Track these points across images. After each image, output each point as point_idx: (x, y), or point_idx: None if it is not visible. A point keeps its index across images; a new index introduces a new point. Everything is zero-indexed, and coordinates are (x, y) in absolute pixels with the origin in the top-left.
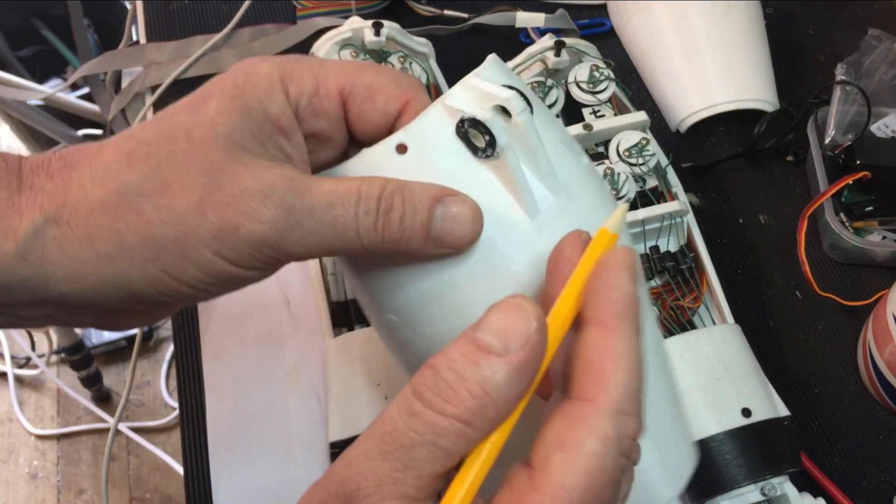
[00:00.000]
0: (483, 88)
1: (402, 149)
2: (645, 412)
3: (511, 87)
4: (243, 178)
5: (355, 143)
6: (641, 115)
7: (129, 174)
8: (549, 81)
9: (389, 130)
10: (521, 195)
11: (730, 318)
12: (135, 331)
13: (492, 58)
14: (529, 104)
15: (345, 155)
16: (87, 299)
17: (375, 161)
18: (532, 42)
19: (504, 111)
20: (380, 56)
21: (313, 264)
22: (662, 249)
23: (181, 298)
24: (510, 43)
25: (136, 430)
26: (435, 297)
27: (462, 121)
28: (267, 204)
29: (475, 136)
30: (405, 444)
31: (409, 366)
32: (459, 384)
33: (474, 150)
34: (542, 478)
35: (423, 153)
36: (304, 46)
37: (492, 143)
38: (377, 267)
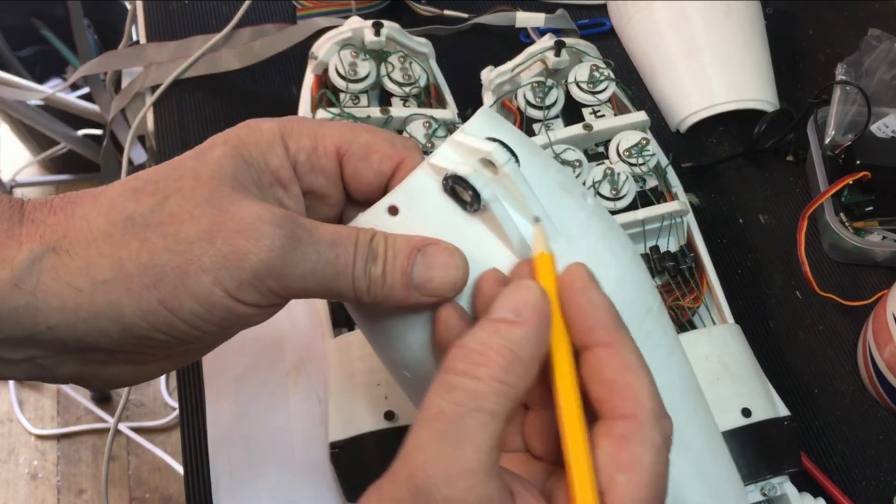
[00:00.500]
0: (467, 143)
1: (393, 210)
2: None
3: (494, 140)
4: (255, 208)
5: (352, 203)
6: (641, 115)
7: (136, 206)
8: (549, 81)
9: (384, 189)
10: (514, 245)
11: (730, 318)
12: None
13: (482, 111)
14: (514, 154)
15: (341, 216)
16: (75, 334)
17: (369, 225)
18: (532, 42)
19: (490, 164)
20: (380, 56)
21: None
22: (662, 249)
23: (173, 337)
24: (510, 43)
25: (136, 430)
26: (442, 353)
27: (446, 178)
28: (278, 233)
29: (462, 191)
30: (452, 419)
31: None
32: (487, 349)
33: (463, 204)
34: (614, 498)
35: (413, 213)
36: (304, 46)
37: (476, 196)
38: (384, 325)
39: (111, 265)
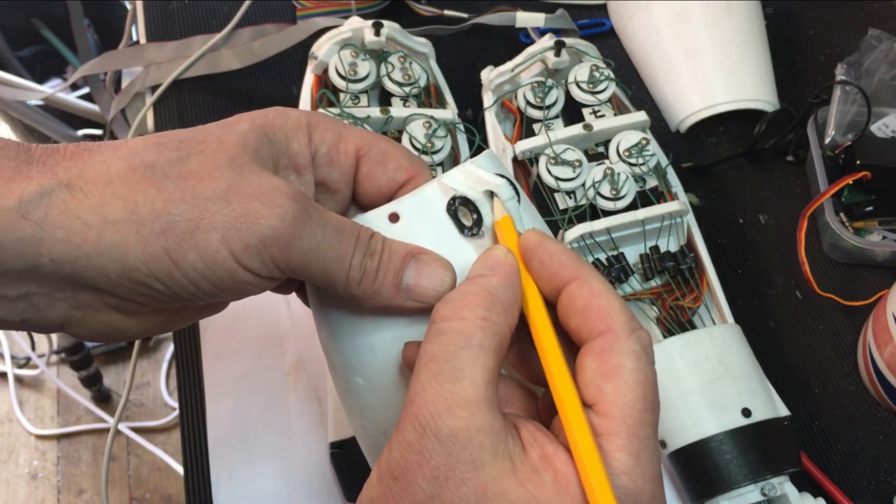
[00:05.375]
0: (477, 174)
1: (394, 217)
2: None
3: (502, 176)
4: (273, 180)
5: (356, 206)
6: (641, 115)
7: (157, 157)
8: (549, 81)
9: (390, 198)
10: None
11: (730, 318)
12: None
13: (488, 151)
14: (518, 193)
15: (345, 215)
16: (75, 268)
17: (369, 225)
18: (532, 42)
19: (493, 196)
20: (380, 56)
21: None
22: (662, 249)
23: (169, 289)
24: (510, 43)
25: (136, 430)
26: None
27: (454, 199)
28: (292, 205)
29: (464, 214)
30: (446, 358)
31: (366, 433)
32: (467, 296)
33: (461, 227)
34: (605, 406)
35: (412, 224)
36: (304, 46)
37: (479, 221)
38: (353, 328)
39: (125, 207)
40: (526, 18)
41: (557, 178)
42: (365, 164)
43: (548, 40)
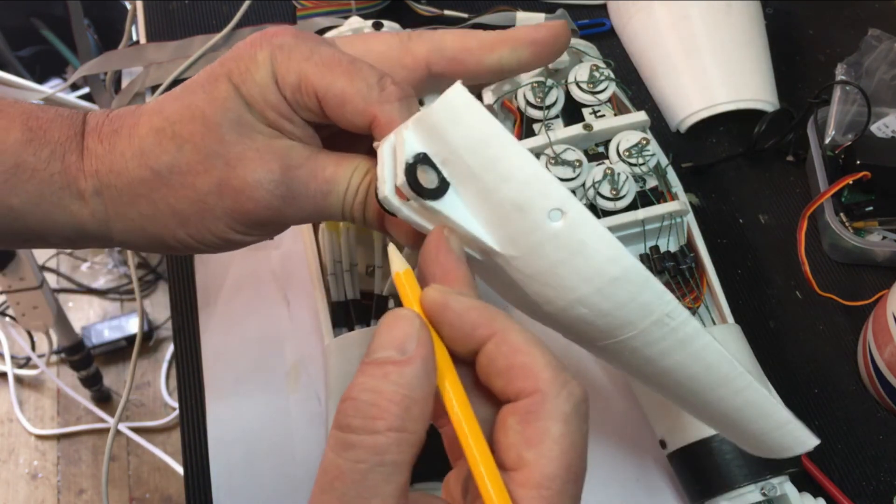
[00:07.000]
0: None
1: None
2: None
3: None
4: (256, 168)
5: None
6: (641, 115)
7: (160, 154)
8: (549, 81)
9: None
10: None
11: (730, 318)
12: (135, 330)
13: (447, 99)
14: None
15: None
16: (136, 247)
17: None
18: None
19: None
20: None
21: (314, 264)
22: (662, 249)
23: (205, 249)
24: None
25: (136, 430)
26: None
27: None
28: (275, 193)
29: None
30: (356, 479)
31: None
32: (380, 398)
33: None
34: (523, 475)
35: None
36: None
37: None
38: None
39: (149, 204)
40: (526, 18)
41: (558, 178)
42: (326, 108)
43: None
